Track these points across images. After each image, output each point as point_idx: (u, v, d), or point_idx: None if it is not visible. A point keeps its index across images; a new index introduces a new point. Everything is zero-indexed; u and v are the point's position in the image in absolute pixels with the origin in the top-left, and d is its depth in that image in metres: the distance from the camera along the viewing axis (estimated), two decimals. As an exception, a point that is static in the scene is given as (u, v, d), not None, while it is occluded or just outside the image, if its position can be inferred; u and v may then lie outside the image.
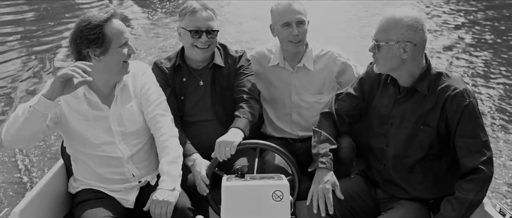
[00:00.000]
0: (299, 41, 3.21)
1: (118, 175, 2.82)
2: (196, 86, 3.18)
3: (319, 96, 3.38)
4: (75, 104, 2.74)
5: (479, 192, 2.49)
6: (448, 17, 12.45)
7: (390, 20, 2.53)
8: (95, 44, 2.60)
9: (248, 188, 2.44)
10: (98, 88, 2.76)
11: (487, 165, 2.50)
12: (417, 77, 2.61)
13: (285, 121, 3.43)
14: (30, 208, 2.68)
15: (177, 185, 2.69)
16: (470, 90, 2.57)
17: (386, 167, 2.75)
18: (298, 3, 3.20)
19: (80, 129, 2.74)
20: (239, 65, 3.22)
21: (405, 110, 2.66)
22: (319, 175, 2.71)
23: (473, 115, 2.53)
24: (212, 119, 3.17)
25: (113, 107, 2.77)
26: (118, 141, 2.78)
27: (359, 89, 2.88)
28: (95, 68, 2.62)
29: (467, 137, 2.53)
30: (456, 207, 2.48)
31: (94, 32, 2.58)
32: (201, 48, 3.06)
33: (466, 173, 2.53)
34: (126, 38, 2.67)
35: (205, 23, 3.04)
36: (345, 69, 3.38)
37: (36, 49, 10.15)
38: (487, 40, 10.51)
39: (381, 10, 12.78)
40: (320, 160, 2.74)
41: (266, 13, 3.47)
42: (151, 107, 2.85)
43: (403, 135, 2.66)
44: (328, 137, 2.82)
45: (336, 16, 12.60)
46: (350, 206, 2.74)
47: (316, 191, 2.67)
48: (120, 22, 2.68)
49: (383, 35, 2.54)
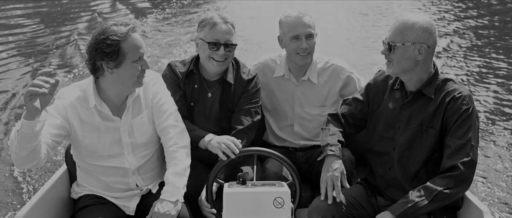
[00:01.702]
0: (307, 53, 3.25)
1: (122, 184, 2.83)
2: (205, 97, 3.20)
3: (321, 109, 3.41)
4: (86, 116, 2.72)
5: (450, 188, 2.50)
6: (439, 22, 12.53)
7: (406, 22, 2.60)
8: (110, 58, 2.56)
9: (249, 195, 2.46)
10: (110, 99, 2.74)
11: (467, 167, 2.53)
12: (425, 81, 2.68)
13: (287, 132, 3.45)
14: (33, 212, 2.69)
15: (180, 197, 2.68)
16: (473, 99, 2.64)
17: (392, 170, 2.78)
18: (307, 16, 3.23)
19: (90, 141, 2.73)
20: (248, 88, 3.19)
21: (411, 113, 2.72)
22: (328, 162, 2.74)
23: (469, 120, 2.58)
24: (217, 130, 3.16)
25: (124, 118, 2.76)
26: (127, 152, 2.79)
27: (365, 95, 2.95)
28: (108, 79, 2.64)
29: (458, 138, 2.57)
30: (423, 193, 2.51)
31: (110, 46, 2.54)
32: (217, 61, 3.07)
33: (444, 170, 2.56)
34: (141, 53, 2.63)
35: (224, 36, 3.04)
36: (349, 82, 3.41)
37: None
38: (482, 43, 10.59)
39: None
40: (329, 148, 2.77)
41: (260, 13, 3.50)
42: (162, 118, 2.83)
43: (409, 137, 2.71)
44: (337, 131, 2.88)
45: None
46: (350, 213, 2.76)
47: (325, 179, 2.69)
48: (138, 36, 2.63)
49: (399, 36, 2.60)
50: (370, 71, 7.76)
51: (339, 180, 2.68)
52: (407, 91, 2.76)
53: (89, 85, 2.72)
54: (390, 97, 2.83)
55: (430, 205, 2.51)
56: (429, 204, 2.50)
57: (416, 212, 2.51)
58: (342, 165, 2.74)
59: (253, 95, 3.20)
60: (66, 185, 3.06)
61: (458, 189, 2.53)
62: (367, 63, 8.97)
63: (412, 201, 2.51)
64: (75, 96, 2.71)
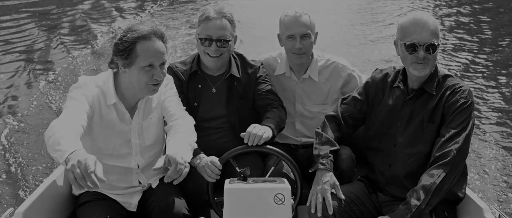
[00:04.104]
0: (302, 53, 3.25)
1: (124, 182, 2.83)
2: (209, 93, 3.20)
3: (322, 107, 3.41)
4: (105, 112, 2.67)
5: (444, 178, 2.50)
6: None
7: (434, 21, 2.63)
8: (122, 55, 2.55)
9: (250, 191, 2.46)
10: (125, 98, 2.71)
11: (459, 153, 2.54)
12: (426, 78, 2.69)
13: (288, 129, 3.44)
14: (33, 208, 2.69)
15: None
16: (472, 94, 2.67)
17: (392, 167, 2.79)
18: (305, 16, 3.22)
19: (103, 138, 2.69)
20: (259, 75, 3.25)
21: (413, 110, 2.73)
22: (319, 176, 2.75)
23: (466, 112, 2.61)
24: (225, 126, 3.17)
25: (135, 120, 2.74)
26: (135, 153, 2.78)
27: (364, 94, 2.94)
28: (122, 78, 2.63)
29: (452, 128, 2.59)
30: (421, 193, 2.50)
31: (125, 43, 2.52)
32: (212, 57, 3.07)
33: (437, 158, 2.56)
34: (153, 61, 2.55)
35: (216, 32, 3.02)
36: (350, 80, 3.42)
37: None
38: (479, 40, 10.62)
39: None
40: (320, 161, 2.78)
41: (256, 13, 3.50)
42: (171, 119, 2.82)
43: (410, 134, 2.72)
44: (330, 138, 2.86)
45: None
46: (351, 210, 2.76)
47: (315, 191, 2.70)
48: (158, 44, 2.56)
49: (435, 36, 2.62)
50: (364, 68, 7.81)
51: (329, 193, 2.67)
52: (408, 88, 2.77)
53: (108, 81, 2.67)
54: (390, 95, 2.83)
55: (430, 203, 2.50)
56: (430, 202, 2.50)
57: (419, 215, 2.50)
58: (333, 177, 2.74)
59: (265, 79, 3.26)
60: (67, 181, 3.05)
61: (451, 177, 2.54)
62: (362, 61, 9.00)
63: (415, 205, 2.49)
64: (98, 90, 2.66)
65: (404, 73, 2.80)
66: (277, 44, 3.39)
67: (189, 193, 2.93)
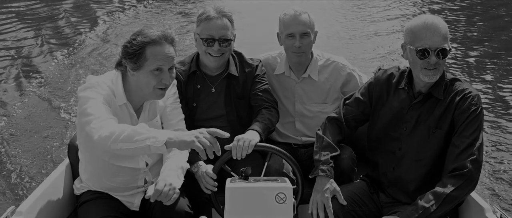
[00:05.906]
0: (302, 52, 3.25)
1: (130, 183, 2.81)
2: (208, 93, 3.19)
3: (323, 106, 3.41)
4: (119, 111, 2.66)
5: (458, 188, 2.49)
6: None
7: (445, 25, 2.57)
8: (131, 59, 2.54)
9: (251, 190, 2.46)
10: (132, 100, 2.70)
11: (474, 166, 2.52)
12: (434, 82, 2.65)
13: (288, 128, 3.45)
14: (34, 207, 2.70)
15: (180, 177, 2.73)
16: (481, 98, 2.63)
17: (396, 170, 2.77)
18: (305, 15, 3.22)
19: None
20: (256, 73, 3.24)
21: (419, 114, 2.69)
22: (319, 183, 2.74)
23: (478, 119, 2.57)
24: (224, 126, 3.16)
25: (142, 121, 2.73)
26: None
27: (367, 95, 2.91)
28: (130, 80, 2.63)
29: (466, 137, 2.56)
30: (432, 198, 2.49)
31: (135, 47, 2.52)
32: (214, 56, 3.06)
33: (452, 169, 2.54)
34: (162, 65, 2.55)
35: (218, 31, 3.02)
36: (350, 80, 3.42)
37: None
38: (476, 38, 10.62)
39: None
40: (320, 168, 2.76)
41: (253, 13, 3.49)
42: (171, 122, 2.85)
43: (417, 139, 2.69)
44: (330, 143, 2.84)
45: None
46: (353, 210, 2.76)
47: (315, 200, 2.69)
48: (168, 49, 2.57)
49: (446, 40, 2.56)
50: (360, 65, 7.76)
51: (330, 201, 2.67)
52: (415, 91, 2.73)
53: (117, 82, 2.67)
54: (395, 97, 2.80)
55: (440, 209, 2.49)
56: (439, 208, 2.48)
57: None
58: (333, 183, 2.73)
59: (263, 77, 3.25)
60: (68, 180, 3.06)
61: (466, 189, 2.52)
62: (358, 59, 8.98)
63: (422, 207, 2.49)
64: (109, 90, 2.64)
65: (409, 75, 2.76)
66: (272, 46, 3.37)
67: (191, 191, 2.93)
